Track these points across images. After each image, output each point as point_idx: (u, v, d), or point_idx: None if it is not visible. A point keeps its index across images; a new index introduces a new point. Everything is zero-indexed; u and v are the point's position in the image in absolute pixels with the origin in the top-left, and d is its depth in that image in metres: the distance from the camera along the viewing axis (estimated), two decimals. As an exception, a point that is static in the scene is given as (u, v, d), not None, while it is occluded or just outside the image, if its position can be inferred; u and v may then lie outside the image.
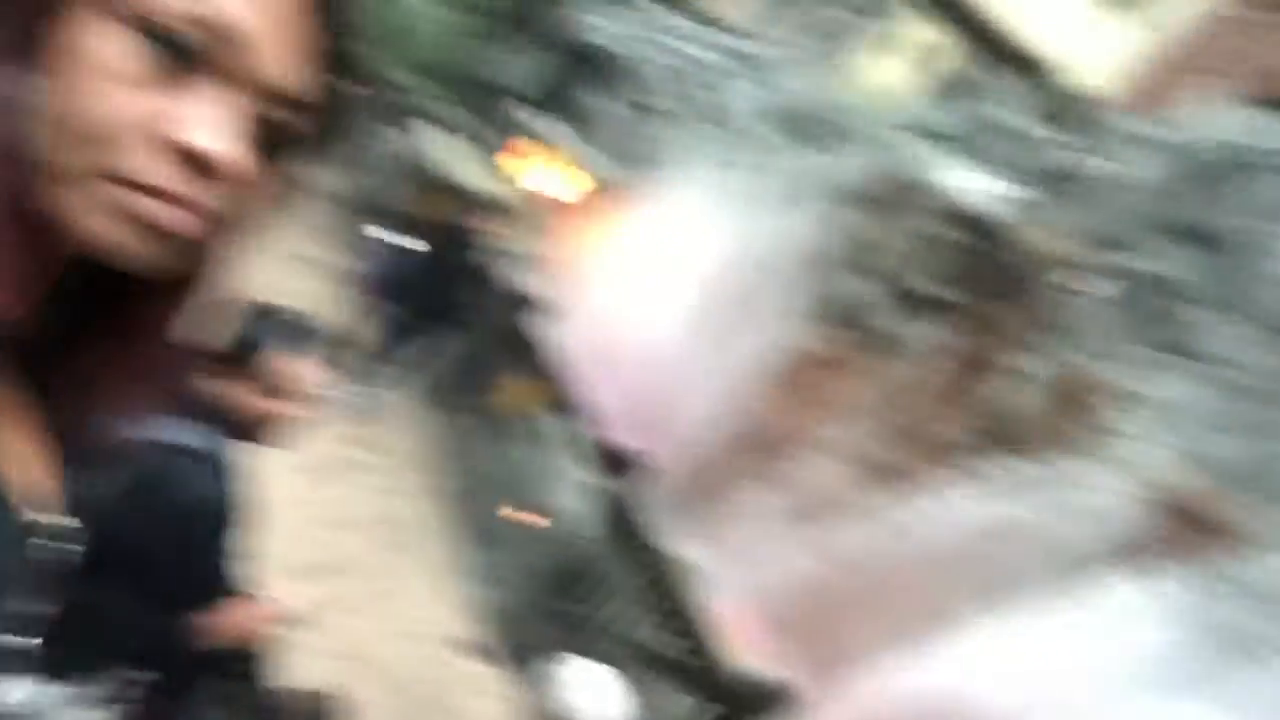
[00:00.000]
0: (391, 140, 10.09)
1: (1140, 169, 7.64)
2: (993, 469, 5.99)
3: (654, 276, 8.14)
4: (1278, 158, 7.08)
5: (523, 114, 11.71)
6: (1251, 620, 4.93)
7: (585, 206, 9.98)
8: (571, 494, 5.97)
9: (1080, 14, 14.56)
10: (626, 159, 10.86)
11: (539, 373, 7.00)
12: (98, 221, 0.55)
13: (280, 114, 0.59)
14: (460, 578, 5.90)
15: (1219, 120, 8.19)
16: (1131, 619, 5.22)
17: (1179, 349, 6.23)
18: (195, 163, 0.55)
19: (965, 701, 5.10)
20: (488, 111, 12.25)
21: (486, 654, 5.47)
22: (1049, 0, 14.33)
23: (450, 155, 10.44)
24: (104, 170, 0.54)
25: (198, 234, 0.58)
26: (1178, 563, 5.33)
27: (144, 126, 0.54)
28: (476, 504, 6.41)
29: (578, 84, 11.95)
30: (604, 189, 10.16)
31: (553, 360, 6.89)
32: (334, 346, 2.07)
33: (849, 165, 9.08)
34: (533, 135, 11.24)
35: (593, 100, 11.78)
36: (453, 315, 6.88)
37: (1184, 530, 5.40)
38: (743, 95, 10.81)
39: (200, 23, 0.54)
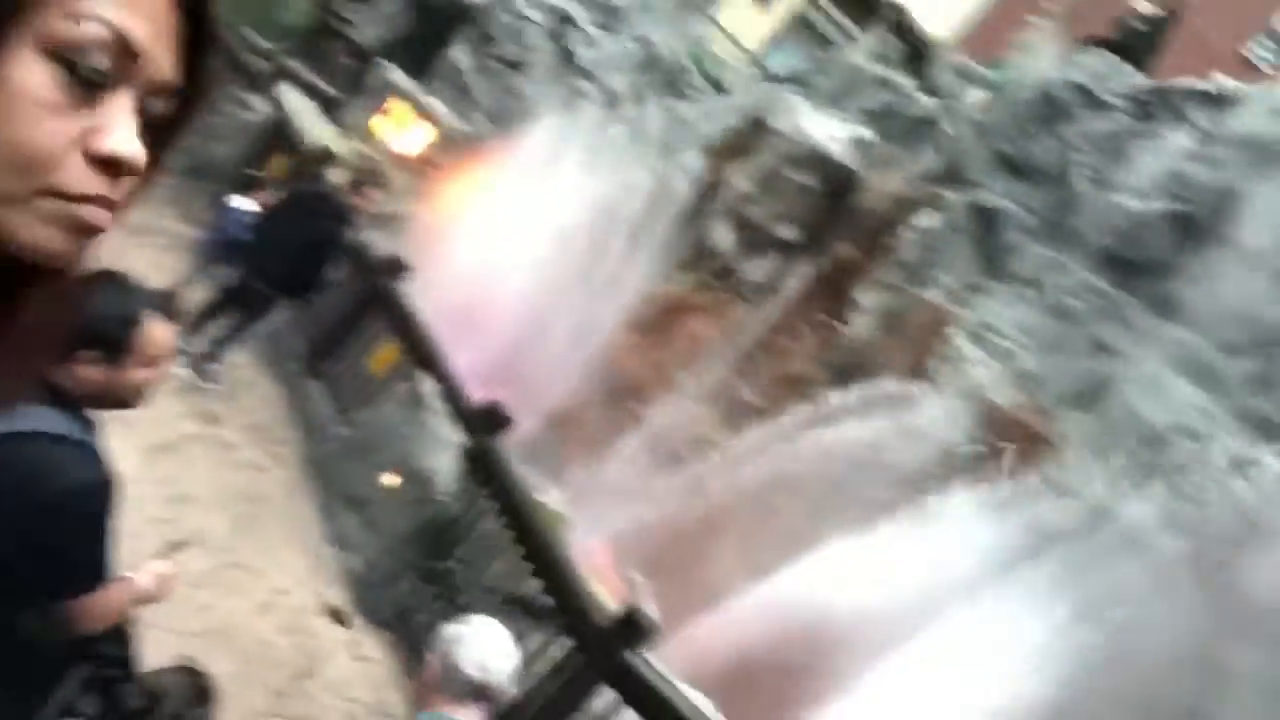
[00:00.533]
0: (252, 106, 9.76)
1: (971, 108, 8.05)
2: (840, 398, 6.32)
3: (514, 230, 8.17)
4: (1094, 95, 7.56)
5: (384, 72, 11.46)
6: (1061, 514, 5.46)
7: (445, 162, 9.89)
8: (438, 453, 6.00)
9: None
10: (487, 113, 10.78)
11: (402, 333, 6.97)
12: (41, 233, 0.60)
13: (163, 105, 0.64)
14: (324, 545, 5.85)
15: (1043, 61, 8.71)
16: (968, 525, 5.68)
17: (1005, 275, 6.67)
18: (112, 166, 0.60)
19: (823, 610, 5.45)
20: (347, 71, 11.93)
21: (355, 619, 5.47)
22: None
23: (309, 117, 10.17)
24: (41, 189, 0.59)
25: (108, 227, 0.63)
26: (1006, 472, 5.80)
27: (70, 144, 0.59)
28: (338, 469, 6.37)
29: (437, 39, 11.74)
30: (464, 144, 10.07)
31: (415, 320, 6.87)
32: (176, 313, 2.06)
33: (706, 112, 9.26)
34: (394, 93, 11.03)
35: (454, 55, 11.60)
36: (305, 279, 6.73)
37: (1010, 442, 5.86)
38: (601, 46, 10.84)
39: (107, 45, 0.59)
